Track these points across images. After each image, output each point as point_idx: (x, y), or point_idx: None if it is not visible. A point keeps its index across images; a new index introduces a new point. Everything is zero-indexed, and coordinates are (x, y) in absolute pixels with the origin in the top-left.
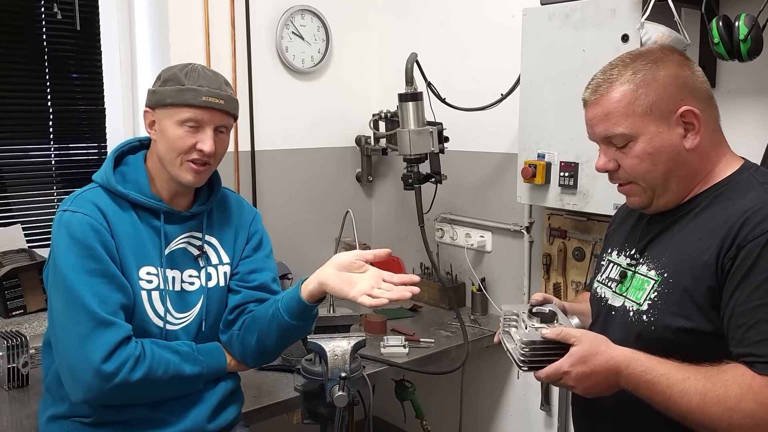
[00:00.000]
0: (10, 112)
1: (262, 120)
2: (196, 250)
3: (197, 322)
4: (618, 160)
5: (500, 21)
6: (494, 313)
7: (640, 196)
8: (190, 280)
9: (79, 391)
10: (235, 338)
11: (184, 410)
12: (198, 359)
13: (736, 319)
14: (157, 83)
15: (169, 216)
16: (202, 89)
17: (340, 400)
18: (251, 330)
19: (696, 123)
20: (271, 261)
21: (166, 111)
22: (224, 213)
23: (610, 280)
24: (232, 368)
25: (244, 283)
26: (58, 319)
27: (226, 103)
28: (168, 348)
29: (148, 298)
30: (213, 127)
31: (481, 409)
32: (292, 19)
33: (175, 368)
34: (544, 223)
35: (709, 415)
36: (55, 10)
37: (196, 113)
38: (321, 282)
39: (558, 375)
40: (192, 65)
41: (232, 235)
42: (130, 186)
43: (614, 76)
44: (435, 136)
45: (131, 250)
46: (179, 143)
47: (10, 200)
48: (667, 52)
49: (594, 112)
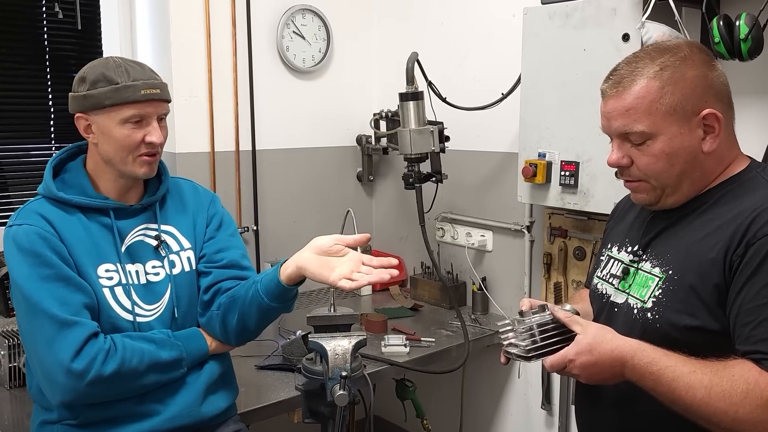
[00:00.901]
0: (11, 111)
1: (262, 119)
2: (154, 240)
3: (169, 311)
4: (632, 157)
5: (501, 20)
6: (495, 312)
7: (648, 194)
8: (154, 271)
9: (57, 394)
10: (214, 318)
11: (170, 397)
12: (175, 344)
13: (744, 316)
14: (84, 86)
15: (120, 212)
16: (138, 83)
17: (341, 399)
18: (232, 310)
19: (717, 126)
20: (236, 239)
21: (105, 113)
22: (178, 200)
23: (611, 276)
24: (214, 350)
25: (213, 263)
26: (24, 330)
27: (162, 91)
28: (142, 338)
29: (111, 294)
30: (156, 117)
31: (481, 408)
32: (293, 19)
33: (151, 356)
34: (544, 222)
35: (713, 410)
36: (56, 10)
37: (139, 108)
38: (300, 266)
39: (563, 363)
40: (111, 60)
41: (190, 220)
42: (73, 191)
43: (638, 69)
44: (436, 135)
45: (84, 251)
46: (128, 141)
47: (11, 199)
48: (694, 50)
49: (614, 105)
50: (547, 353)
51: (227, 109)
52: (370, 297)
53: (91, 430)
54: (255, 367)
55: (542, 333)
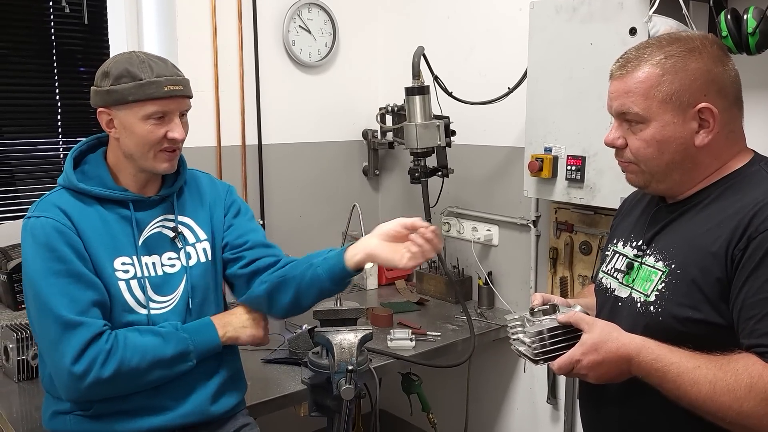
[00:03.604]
0: (18, 106)
1: (269, 114)
2: (171, 232)
3: (184, 302)
4: (627, 139)
5: (507, 14)
6: (501, 306)
7: (637, 176)
8: (170, 263)
9: (63, 393)
10: (260, 296)
11: (183, 395)
12: (182, 337)
13: (747, 310)
14: (107, 81)
15: (139, 203)
16: (161, 80)
17: (347, 393)
18: (283, 290)
19: (711, 121)
20: (255, 223)
21: (128, 108)
22: (196, 192)
23: (616, 270)
24: (252, 324)
25: (239, 248)
26: (34, 327)
27: (185, 87)
28: (150, 332)
29: (127, 288)
30: (178, 114)
31: (487, 402)
32: (299, 13)
33: (154, 353)
34: (550, 216)
35: (718, 404)
36: (63, 5)
37: (162, 105)
38: (370, 254)
39: (571, 364)
40: (135, 55)
41: (207, 212)
42: (93, 182)
43: (645, 55)
44: (442, 129)
45: (102, 243)
46: (150, 137)
47: (18, 194)
48: (706, 44)
49: (616, 86)
50: (554, 357)
51: (233, 103)
52: (375, 291)
53: (104, 421)
54: (261, 360)
55: (552, 338)
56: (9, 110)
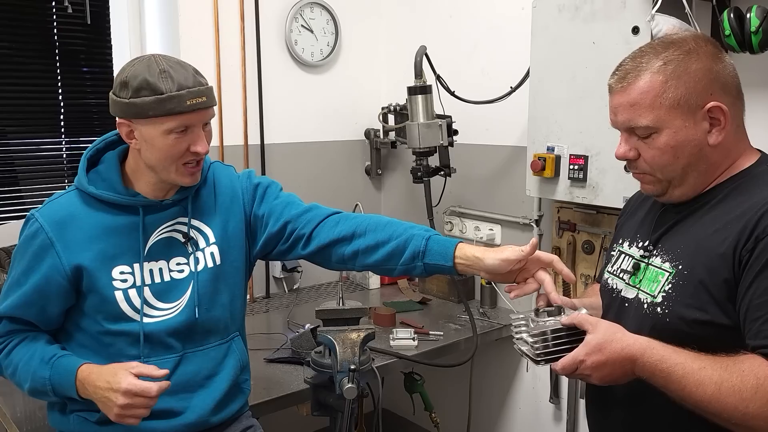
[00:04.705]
0: (21, 106)
1: (271, 113)
2: (183, 237)
3: (190, 309)
4: (639, 150)
5: (510, 13)
6: (503, 306)
7: (654, 185)
8: (178, 268)
9: None
10: (332, 252)
11: (189, 402)
12: (42, 377)
13: (753, 311)
14: (126, 92)
15: (150, 207)
16: (183, 93)
17: (350, 392)
18: (370, 254)
19: (722, 119)
20: (284, 195)
21: (149, 122)
22: (212, 192)
23: (622, 271)
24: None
25: (284, 231)
26: None
27: (208, 98)
28: (39, 358)
29: (124, 297)
30: (201, 126)
31: (490, 401)
32: (301, 13)
33: (19, 378)
34: (553, 216)
35: (724, 405)
36: (65, 5)
37: (184, 119)
38: (489, 272)
39: (575, 365)
40: (154, 62)
41: (223, 215)
42: (103, 185)
43: (643, 65)
44: (444, 129)
45: (99, 252)
46: (172, 151)
47: (22, 194)
48: (700, 43)
49: (619, 100)
50: (556, 359)
51: (236, 103)
52: (378, 290)
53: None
54: (264, 360)
55: (555, 339)
56: (12, 110)
